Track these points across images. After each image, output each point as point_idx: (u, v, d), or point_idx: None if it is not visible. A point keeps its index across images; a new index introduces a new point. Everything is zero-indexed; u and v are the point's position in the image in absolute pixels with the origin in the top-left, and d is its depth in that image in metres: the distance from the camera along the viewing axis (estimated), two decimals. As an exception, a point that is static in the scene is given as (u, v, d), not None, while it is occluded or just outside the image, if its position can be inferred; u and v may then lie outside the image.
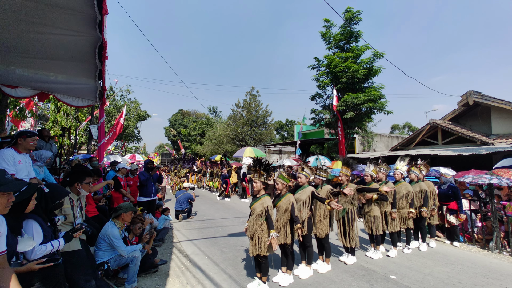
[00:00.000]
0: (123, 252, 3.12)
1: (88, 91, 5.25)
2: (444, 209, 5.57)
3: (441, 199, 5.57)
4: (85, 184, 2.77)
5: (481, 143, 11.33)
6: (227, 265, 4.12)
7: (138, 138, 27.62)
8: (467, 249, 5.13)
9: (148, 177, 5.80)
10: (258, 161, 3.54)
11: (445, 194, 5.54)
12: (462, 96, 12.66)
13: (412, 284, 3.51)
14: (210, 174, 14.33)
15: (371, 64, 12.00)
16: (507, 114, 11.54)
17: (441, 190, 5.65)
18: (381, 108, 11.92)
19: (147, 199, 5.75)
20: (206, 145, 29.91)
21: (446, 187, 5.59)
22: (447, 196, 5.50)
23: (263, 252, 3.19)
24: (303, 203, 3.81)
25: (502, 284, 3.56)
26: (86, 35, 3.48)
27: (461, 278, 3.74)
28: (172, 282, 3.55)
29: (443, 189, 5.64)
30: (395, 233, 4.77)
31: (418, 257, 4.57)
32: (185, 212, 7.45)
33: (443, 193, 5.59)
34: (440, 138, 13.42)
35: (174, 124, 46.80)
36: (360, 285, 3.49)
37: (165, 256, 4.52)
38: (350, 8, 12.33)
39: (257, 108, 24.61)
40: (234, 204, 10.22)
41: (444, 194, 5.57)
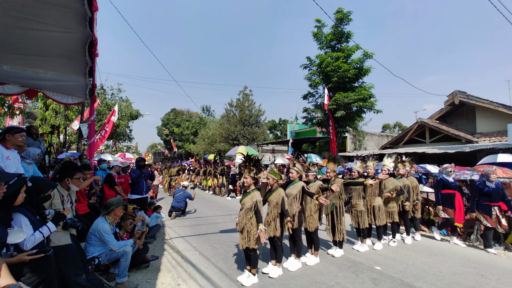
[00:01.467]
0: (114, 247, 3.16)
1: (78, 89, 5.22)
2: (498, 211, 4.85)
3: (492, 200, 4.89)
4: (75, 180, 2.79)
5: (466, 141, 11.73)
6: (218, 259, 4.20)
7: (130, 137, 27.25)
8: (449, 242, 5.33)
9: (140, 174, 5.81)
10: (248, 157, 3.63)
11: (498, 193, 4.89)
12: (449, 96, 13.06)
13: (395, 274, 3.67)
14: (204, 173, 14.34)
15: (361, 64, 12.22)
16: (490, 113, 11.97)
17: (490, 188, 4.90)
18: (371, 107, 12.16)
19: (139, 197, 5.76)
20: (199, 144, 29.82)
21: (494, 184, 4.92)
22: (499, 194, 4.90)
23: (252, 245, 3.29)
24: (294, 198, 3.92)
25: (479, 273, 3.76)
26: (76, 32, 3.49)
27: (442, 268, 3.93)
28: (163, 276, 3.60)
29: (492, 187, 4.90)
30: (381, 227, 4.95)
31: (403, 249, 4.75)
32: (180, 210, 7.47)
33: (495, 191, 4.87)
34: (428, 137, 13.81)
35: (166, 123, 46.40)
36: (346, 275, 3.63)
37: (157, 252, 4.55)
38: (341, 9, 12.53)
39: (250, 107, 24.68)
40: (227, 202, 10.29)
41: (497, 192, 4.88)
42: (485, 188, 4.96)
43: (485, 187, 4.97)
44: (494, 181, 4.94)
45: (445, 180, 5.42)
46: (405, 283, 3.42)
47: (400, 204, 5.17)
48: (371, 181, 4.45)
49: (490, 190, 4.90)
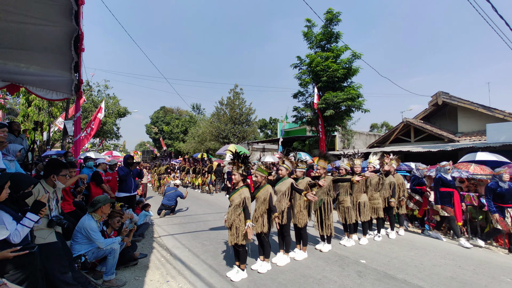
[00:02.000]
0: (101, 245, 3.12)
1: (63, 84, 5.09)
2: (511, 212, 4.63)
3: (506, 201, 4.67)
4: (61, 177, 2.74)
5: (448, 140, 12.20)
6: (207, 256, 4.22)
7: (117, 135, 26.66)
8: (430, 236, 5.57)
9: (128, 172, 5.73)
10: (237, 154, 3.66)
11: (511, 194, 4.66)
12: (433, 97, 13.53)
13: (379, 267, 3.81)
14: (193, 171, 14.25)
15: (350, 64, 12.48)
16: (471, 114, 12.50)
17: (504, 189, 4.67)
18: (359, 107, 12.45)
19: (127, 195, 5.68)
20: (189, 142, 29.55)
21: (507, 185, 4.68)
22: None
23: (240, 241, 3.33)
24: (283, 194, 3.99)
25: (456, 264, 3.96)
26: (61, 26, 3.41)
27: (423, 260, 4.11)
28: (152, 273, 3.59)
29: (506, 188, 4.66)
30: (366, 222, 5.11)
31: (387, 244, 4.93)
32: (170, 208, 7.42)
33: (508, 192, 4.66)
34: (413, 136, 14.26)
35: (156, 121, 45.59)
36: (332, 269, 3.74)
37: (145, 250, 4.52)
38: (331, 10, 12.72)
39: (240, 105, 24.67)
40: (217, 200, 10.28)
41: (510, 193, 4.66)
42: (498, 188, 4.71)
43: (498, 188, 4.72)
44: (507, 181, 4.67)
45: (443, 178, 5.31)
46: (388, 275, 3.56)
47: (386, 200, 5.35)
48: (358, 177, 4.58)
49: (503, 191, 4.66)
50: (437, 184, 5.38)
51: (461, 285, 3.31)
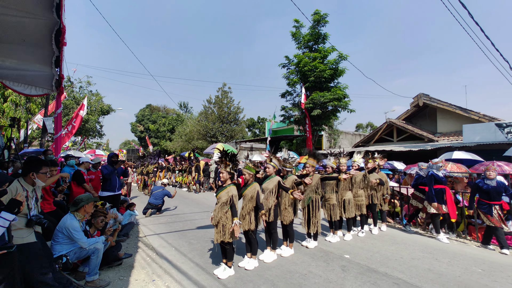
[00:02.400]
0: (84, 244, 3.04)
1: (43, 79, 4.87)
2: (498, 210, 4.64)
3: (491, 198, 4.68)
4: (41, 174, 2.64)
5: (428, 140, 12.75)
6: (194, 255, 4.20)
7: (101, 133, 25.79)
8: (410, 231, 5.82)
9: (112, 170, 5.59)
10: (224, 152, 3.67)
11: (497, 191, 4.68)
12: (414, 98, 14.09)
13: (362, 261, 3.95)
14: (180, 170, 14.07)
15: (336, 65, 12.74)
16: (449, 115, 13.13)
17: (490, 186, 4.67)
18: (345, 107, 12.75)
19: (111, 194, 5.54)
20: (176, 141, 29.10)
21: (495, 182, 4.69)
22: (499, 193, 4.70)
23: (227, 239, 3.35)
24: (270, 192, 4.04)
25: (434, 257, 4.18)
26: (41, 18, 3.28)
27: (403, 254, 4.30)
28: (137, 273, 3.54)
29: (492, 186, 4.66)
30: (350, 219, 5.26)
31: (370, 239, 5.11)
32: (157, 207, 7.30)
33: (494, 190, 4.66)
34: (395, 136, 14.78)
35: (141, 119, 44.50)
36: (318, 264, 3.83)
37: (130, 250, 4.44)
38: (318, 11, 12.93)
39: (228, 104, 24.57)
40: (204, 199, 10.21)
41: (496, 191, 4.67)
42: (484, 186, 4.75)
43: (484, 185, 4.75)
44: (494, 178, 4.69)
45: (436, 175, 5.29)
46: (370, 268, 3.70)
47: (369, 197, 5.54)
48: (344, 175, 4.71)
49: (489, 188, 4.67)
50: (431, 181, 5.29)
51: (437, 276, 3.49)
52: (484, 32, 6.40)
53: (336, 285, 3.20)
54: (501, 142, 8.94)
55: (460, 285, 3.24)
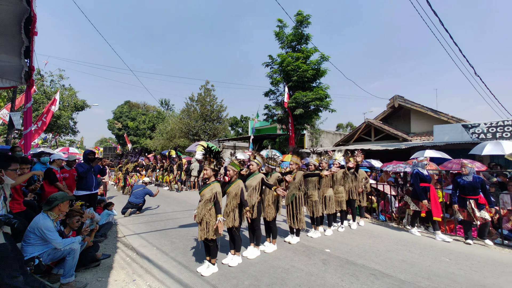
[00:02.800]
0: (59, 245, 2.88)
1: (10, 70, 4.55)
2: (473, 204, 4.82)
3: (466, 192, 4.91)
4: (10, 171, 2.47)
5: (402, 139, 13.46)
6: (177, 253, 4.13)
7: (74, 130, 24.39)
8: (387, 226, 6.14)
9: (89, 168, 5.32)
10: (209, 149, 3.65)
11: (473, 186, 4.84)
12: (390, 100, 14.78)
13: (342, 255, 4.11)
14: (161, 169, 13.71)
15: (318, 65, 13.03)
16: (421, 116, 13.93)
17: (465, 181, 4.90)
18: (327, 107, 13.09)
19: (87, 193, 5.27)
20: (157, 139, 28.27)
21: (471, 178, 4.88)
22: (475, 188, 4.83)
23: (210, 236, 3.34)
24: (254, 189, 4.07)
25: (407, 249, 4.45)
26: (8, 4, 3.06)
27: (379, 247, 4.53)
28: (117, 273, 3.42)
29: (467, 181, 4.88)
30: (331, 215, 5.45)
31: (349, 234, 5.32)
32: (137, 206, 7.06)
33: (469, 185, 4.86)
34: (373, 135, 15.43)
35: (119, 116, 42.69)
36: (300, 259, 3.93)
37: (108, 250, 4.27)
38: (301, 12, 13.14)
39: (211, 102, 24.26)
40: (187, 198, 10.04)
41: (471, 186, 4.85)
42: (461, 181, 4.97)
43: (461, 181, 4.97)
44: (468, 174, 4.92)
45: (421, 173, 5.37)
46: (349, 261, 3.87)
47: (349, 192, 5.76)
48: (326, 172, 4.86)
49: (465, 184, 4.90)
50: (416, 179, 5.37)
51: (410, 266, 3.72)
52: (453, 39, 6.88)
53: (317, 278, 3.31)
54: (467, 141, 9.66)
55: (430, 274, 3.48)
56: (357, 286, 3.12)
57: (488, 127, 9.50)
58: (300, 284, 3.15)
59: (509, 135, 9.02)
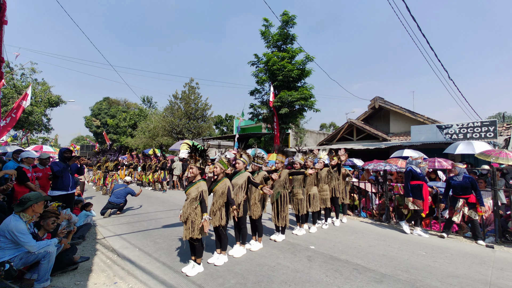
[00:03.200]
0: (33, 248, 2.70)
1: (-24, 61, 4.18)
2: (462, 203, 4.97)
3: (457, 192, 5.02)
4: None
5: (382, 139, 14.01)
6: (160, 254, 4.03)
7: (48, 127, 23.01)
8: (368, 222, 6.37)
9: (65, 167, 5.04)
10: (194, 148, 3.58)
11: (463, 186, 4.94)
12: (371, 101, 15.32)
13: (326, 251, 4.21)
14: (143, 168, 13.29)
15: (303, 65, 13.23)
16: (400, 117, 14.57)
17: (456, 181, 5.02)
18: (311, 106, 13.32)
19: (63, 193, 4.99)
20: (139, 137, 27.35)
21: (462, 178, 4.98)
22: (465, 188, 4.92)
23: (196, 235, 3.28)
24: (240, 187, 4.05)
25: (387, 244, 4.64)
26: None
27: (361, 242, 4.69)
28: (96, 276, 3.27)
29: (458, 181, 5.00)
30: (315, 213, 5.56)
31: (333, 230, 5.46)
32: (118, 206, 6.78)
33: (459, 184, 4.98)
34: (355, 135, 15.93)
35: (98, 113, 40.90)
36: (286, 256, 3.98)
37: (87, 253, 4.07)
38: (287, 12, 13.26)
39: (196, 100, 23.86)
40: (170, 197, 9.82)
41: (461, 186, 4.96)
42: (452, 181, 5.12)
43: (452, 181, 5.11)
44: (458, 174, 5.05)
45: (414, 171, 5.38)
46: (333, 257, 3.96)
47: (333, 190, 5.90)
48: (310, 170, 4.94)
49: (456, 184, 5.03)
50: (408, 177, 5.41)
51: (389, 260, 3.89)
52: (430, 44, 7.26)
53: (303, 274, 3.36)
54: (441, 141, 10.24)
55: (408, 267, 3.65)
56: (341, 280, 3.21)
57: (460, 128, 10.13)
58: (286, 281, 3.18)
59: (478, 136, 9.67)
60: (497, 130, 9.60)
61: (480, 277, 3.35)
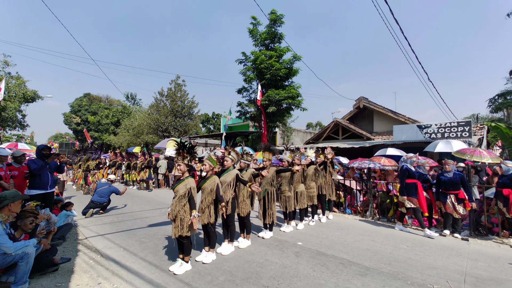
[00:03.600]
0: (9, 249, 2.55)
1: None
2: (453, 198, 5.11)
3: (447, 188, 5.17)
4: None
5: (366, 138, 14.42)
6: (147, 253, 3.94)
7: (23, 124, 21.78)
8: (353, 218, 6.55)
9: (43, 165, 4.79)
10: (182, 144, 3.53)
11: (453, 182, 5.11)
12: (356, 100, 15.72)
13: (313, 247, 4.29)
14: (127, 167, 12.90)
15: (291, 64, 13.32)
16: (383, 117, 15.06)
17: (446, 178, 5.19)
18: (298, 105, 13.46)
19: (42, 192, 4.76)
20: (122, 135, 26.51)
21: (452, 174, 5.17)
22: (455, 183, 5.10)
23: (185, 233, 3.24)
24: (228, 185, 4.04)
25: (371, 238, 4.80)
26: None
27: (346, 238, 4.82)
28: (79, 278, 3.14)
29: (448, 177, 5.17)
30: (303, 210, 5.64)
31: (319, 227, 5.57)
32: (102, 206, 6.54)
33: (449, 180, 5.15)
34: (341, 134, 16.29)
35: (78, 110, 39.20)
36: (274, 252, 4.02)
37: (68, 254, 3.91)
38: (275, 11, 13.30)
39: (182, 98, 23.45)
40: (156, 196, 9.61)
41: (451, 182, 5.13)
42: (442, 178, 5.26)
43: (443, 177, 5.25)
44: (450, 171, 5.22)
45: (409, 169, 5.39)
46: (320, 252, 4.05)
47: (319, 188, 6.01)
48: (297, 167, 5.01)
49: (446, 180, 5.17)
50: (403, 175, 5.38)
51: (373, 254, 4.03)
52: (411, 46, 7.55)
53: (291, 270, 3.41)
54: (421, 140, 10.70)
55: (391, 260, 3.80)
56: (328, 275, 3.29)
57: (438, 128, 10.63)
58: (275, 277, 3.21)
59: (454, 135, 10.19)
60: (472, 130, 10.16)
61: (457, 267, 3.55)
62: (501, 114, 21.32)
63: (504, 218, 4.94)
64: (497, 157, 5.73)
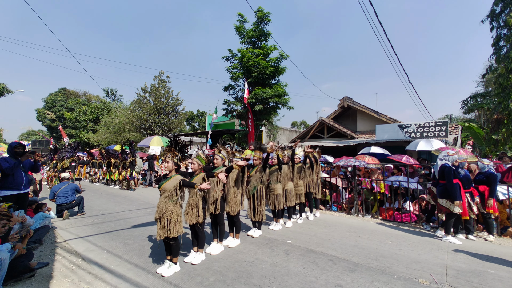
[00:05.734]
0: (-21, 256, 2.33)
1: None
2: (469, 197, 4.83)
3: (464, 186, 4.76)
4: None
5: (350, 137, 14.80)
6: (132, 255, 3.78)
7: (-9, 120, 20.27)
8: (339, 215, 6.69)
9: (16, 164, 4.45)
10: (175, 141, 3.41)
11: (469, 180, 4.86)
12: (340, 100, 16.07)
13: (302, 244, 4.33)
14: (107, 166, 12.36)
15: (278, 63, 13.36)
16: (366, 116, 15.52)
17: (461, 175, 4.75)
18: (285, 104, 13.54)
19: (15, 192, 4.42)
20: (102, 132, 25.40)
21: (464, 172, 4.80)
22: (470, 181, 4.86)
23: (172, 234, 3.13)
24: (216, 183, 3.96)
25: (357, 235, 4.92)
26: None
27: (334, 234, 4.91)
28: (58, 283, 2.95)
29: (461, 175, 4.76)
30: (291, 208, 5.67)
31: (307, 224, 5.63)
32: (72, 204, 6.19)
33: (465, 178, 4.79)
34: (326, 133, 16.60)
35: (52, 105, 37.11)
36: (264, 251, 4.00)
37: (46, 258, 3.67)
38: (262, 9, 13.25)
39: (166, 95, 22.84)
40: (139, 196, 9.28)
41: (467, 179, 4.82)
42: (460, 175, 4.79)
43: (459, 174, 4.78)
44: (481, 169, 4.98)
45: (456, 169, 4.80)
46: (309, 250, 4.09)
47: (307, 186, 6.07)
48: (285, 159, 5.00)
49: (462, 177, 4.75)
50: (450, 175, 4.64)
51: (360, 250, 4.12)
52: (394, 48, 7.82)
53: (281, 268, 3.41)
54: (401, 139, 11.14)
55: (377, 255, 3.90)
56: (318, 272, 3.32)
57: (417, 127, 11.11)
58: (266, 275, 3.19)
59: (432, 135, 10.71)
60: (448, 130, 10.73)
61: (439, 261, 3.72)
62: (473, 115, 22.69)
63: (479, 213, 5.25)
64: (473, 155, 6.06)
